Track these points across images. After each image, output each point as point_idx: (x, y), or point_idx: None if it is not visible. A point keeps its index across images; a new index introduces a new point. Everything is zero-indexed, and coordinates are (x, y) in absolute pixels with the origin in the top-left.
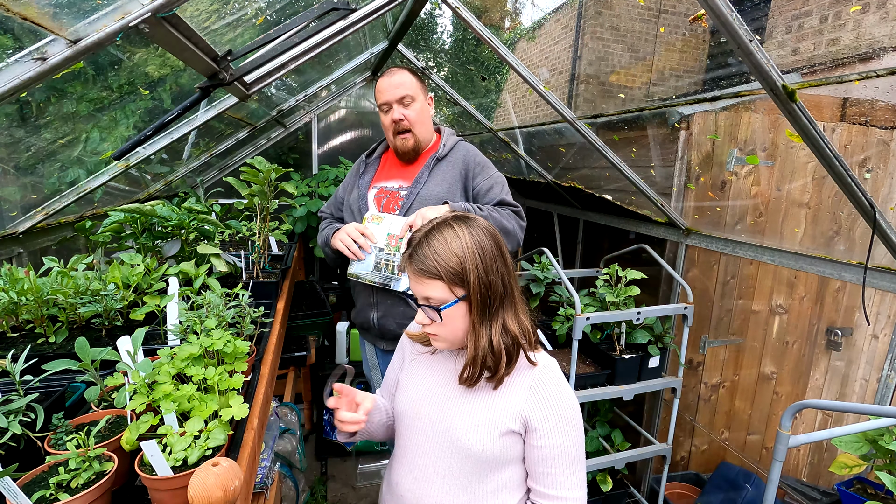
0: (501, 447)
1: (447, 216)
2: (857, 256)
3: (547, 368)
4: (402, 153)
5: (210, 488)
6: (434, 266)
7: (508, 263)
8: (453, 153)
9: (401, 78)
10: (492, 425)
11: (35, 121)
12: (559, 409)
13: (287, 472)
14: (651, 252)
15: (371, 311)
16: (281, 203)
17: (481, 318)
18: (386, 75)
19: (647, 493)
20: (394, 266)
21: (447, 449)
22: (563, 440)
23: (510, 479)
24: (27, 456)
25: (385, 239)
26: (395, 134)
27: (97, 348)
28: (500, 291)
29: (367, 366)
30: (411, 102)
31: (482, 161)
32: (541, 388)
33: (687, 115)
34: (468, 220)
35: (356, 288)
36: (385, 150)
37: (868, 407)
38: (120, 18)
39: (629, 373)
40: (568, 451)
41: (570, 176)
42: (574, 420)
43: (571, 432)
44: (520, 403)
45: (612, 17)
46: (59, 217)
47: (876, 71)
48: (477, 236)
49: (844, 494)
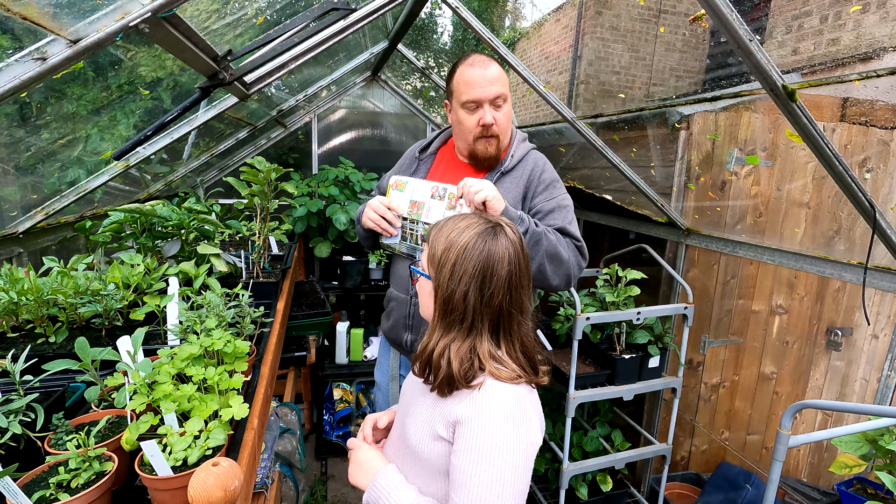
0: (435, 452)
1: (485, 215)
2: (857, 256)
3: (501, 393)
4: (483, 159)
5: (210, 488)
6: (429, 235)
7: (490, 292)
8: (521, 166)
9: (496, 71)
10: (427, 425)
11: (35, 121)
12: (477, 433)
13: (287, 472)
14: (651, 252)
15: (405, 332)
16: (281, 203)
17: (441, 317)
18: (477, 65)
19: (647, 493)
20: (417, 236)
21: (402, 438)
22: (473, 471)
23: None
24: (27, 456)
25: (408, 207)
26: (480, 138)
27: (97, 348)
28: (461, 309)
29: (382, 373)
30: (503, 104)
31: (549, 178)
32: (476, 405)
33: (687, 115)
34: (492, 226)
35: (392, 303)
36: (442, 145)
37: (868, 407)
38: (120, 18)
39: (629, 373)
40: (473, 485)
41: (570, 176)
42: (492, 456)
43: (484, 467)
44: (455, 412)
45: (612, 17)
46: (59, 217)
47: (876, 71)
48: (471, 244)
49: (844, 494)
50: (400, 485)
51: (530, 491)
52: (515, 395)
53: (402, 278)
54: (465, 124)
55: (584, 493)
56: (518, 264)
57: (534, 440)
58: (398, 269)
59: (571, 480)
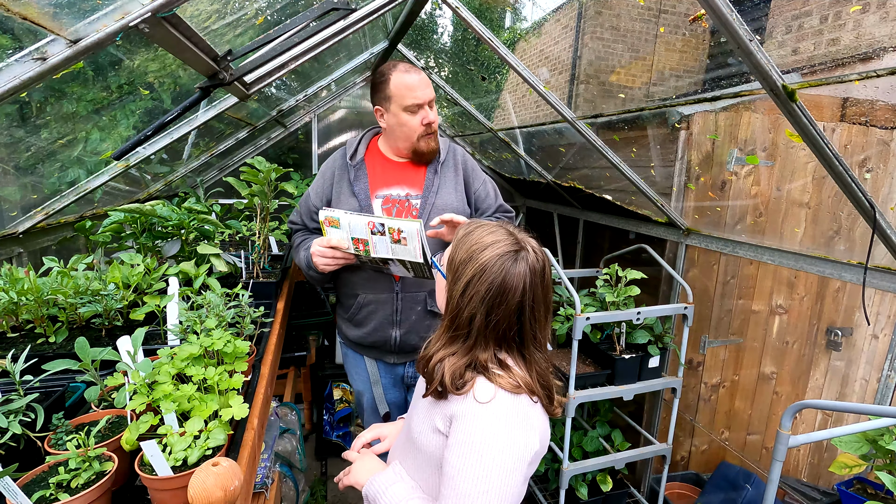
0: (434, 445)
1: (515, 233)
2: (857, 256)
3: (501, 395)
4: (428, 153)
5: (210, 488)
6: (456, 235)
7: (500, 315)
8: (450, 157)
9: (426, 79)
10: (428, 418)
11: (35, 121)
12: (469, 429)
13: (287, 472)
14: (651, 252)
15: (392, 329)
16: (281, 203)
17: (447, 328)
18: (412, 72)
19: (647, 493)
20: (377, 260)
21: (407, 434)
22: (461, 464)
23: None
24: (27, 456)
25: (352, 244)
26: (424, 136)
27: (97, 348)
28: (465, 325)
29: (362, 381)
30: (434, 104)
31: (472, 164)
32: (473, 402)
33: (687, 115)
34: (514, 254)
35: (368, 307)
36: (366, 151)
37: (868, 407)
38: (120, 18)
39: (629, 373)
40: (460, 479)
41: (570, 176)
42: (481, 453)
43: (472, 462)
44: (451, 407)
45: (612, 16)
46: (59, 217)
47: (876, 71)
48: (492, 263)
49: (844, 494)
50: (397, 481)
51: (530, 491)
52: (512, 400)
53: (380, 281)
54: (408, 125)
55: (584, 493)
56: (533, 295)
57: (528, 445)
58: (369, 275)
59: (571, 480)
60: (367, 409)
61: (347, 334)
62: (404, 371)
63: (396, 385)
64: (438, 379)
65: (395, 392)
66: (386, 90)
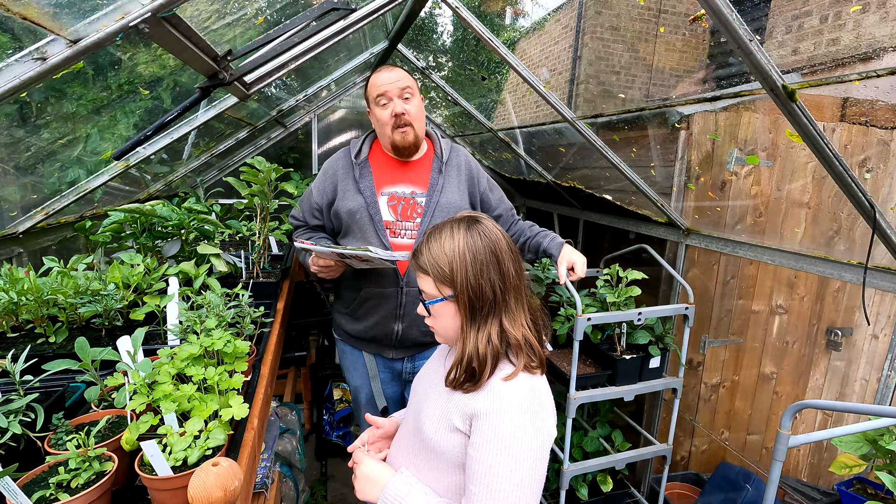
0: (451, 444)
1: (459, 216)
2: (857, 256)
3: (517, 385)
4: (403, 148)
5: (210, 488)
6: (425, 262)
7: (506, 272)
8: (454, 157)
9: (399, 73)
10: (444, 417)
11: (35, 121)
12: (495, 426)
13: (287, 472)
14: (651, 252)
15: (395, 322)
16: (281, 203)
17: (470, 321)
18: (382, 70)
19: (647, 494)
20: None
21: (416, 433)
22: (492, 461)
23: (459, 485)
24: (27, 456)
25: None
26: (395, 128)
27: (97, 348)
28: (490, 299)
29: (359, 376)
30: (411, 97)
31: (476, 166)
32: (494, 398)
33: (687, 115)
34: (472, 222)
35: (371, 301)
36: (370, 150)
37: (868, 407)
38: (120, 18)
39: (630, 373)
40: (491, 475)
41: (570, 176)
42: (510, 447)
43: (503, 458)
44: (472, 405)
45: (612, 16)
46: (59, 217)
47: (876, 71)
48: (471, 241)
49: (844, 494)
50: (410, 491)
51: None
52: (531, 388)
53: (385, 275)
54: (381, 119)
55: (585, 494)
56: (507, 238)
57: (550, 431)
58: (370, 270)
59: (572, 481)
60: (363, 404)
61: (346, 328)
62: (402, 366)
63: (395, 379)
64: (478, 361)
65: (394, 386)
66: (366, 93)
